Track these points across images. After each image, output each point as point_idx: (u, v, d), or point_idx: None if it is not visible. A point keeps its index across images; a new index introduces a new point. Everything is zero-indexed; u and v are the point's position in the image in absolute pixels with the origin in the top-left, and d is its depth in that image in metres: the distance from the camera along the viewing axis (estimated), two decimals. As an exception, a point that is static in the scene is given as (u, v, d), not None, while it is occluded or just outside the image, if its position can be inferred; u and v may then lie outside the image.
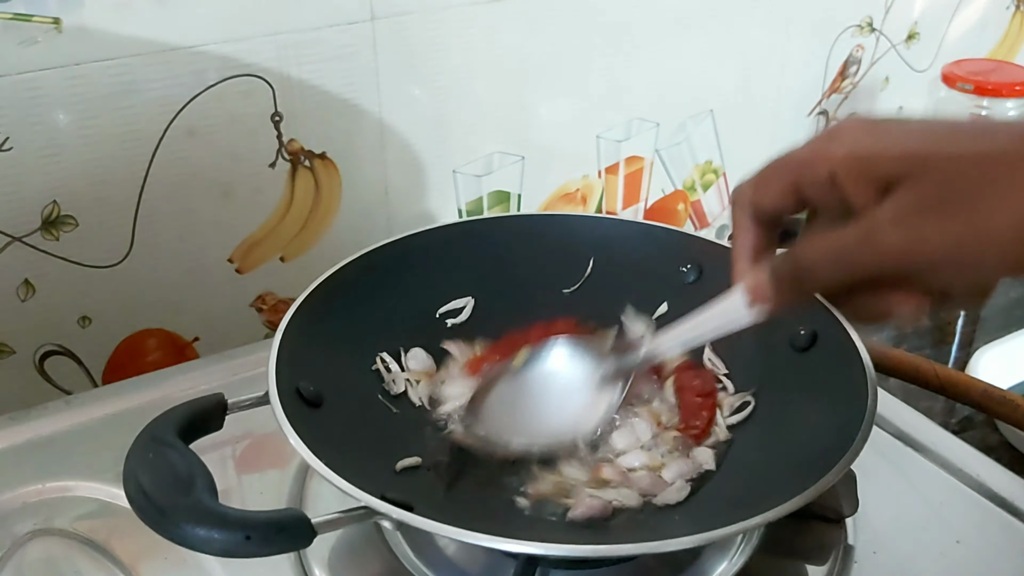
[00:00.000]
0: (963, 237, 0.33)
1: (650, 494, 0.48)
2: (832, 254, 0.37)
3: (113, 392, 0.63)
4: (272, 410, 0.44)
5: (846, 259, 0.37)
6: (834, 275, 0.38)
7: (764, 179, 0.42)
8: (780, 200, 0.41)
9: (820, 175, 0.38)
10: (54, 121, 0.63)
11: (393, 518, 0.38)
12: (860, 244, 0.36)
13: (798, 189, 0.40)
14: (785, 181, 0.40)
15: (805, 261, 0.39)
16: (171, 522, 0.36)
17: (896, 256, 0.35)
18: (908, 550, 0.49)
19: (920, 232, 0.34)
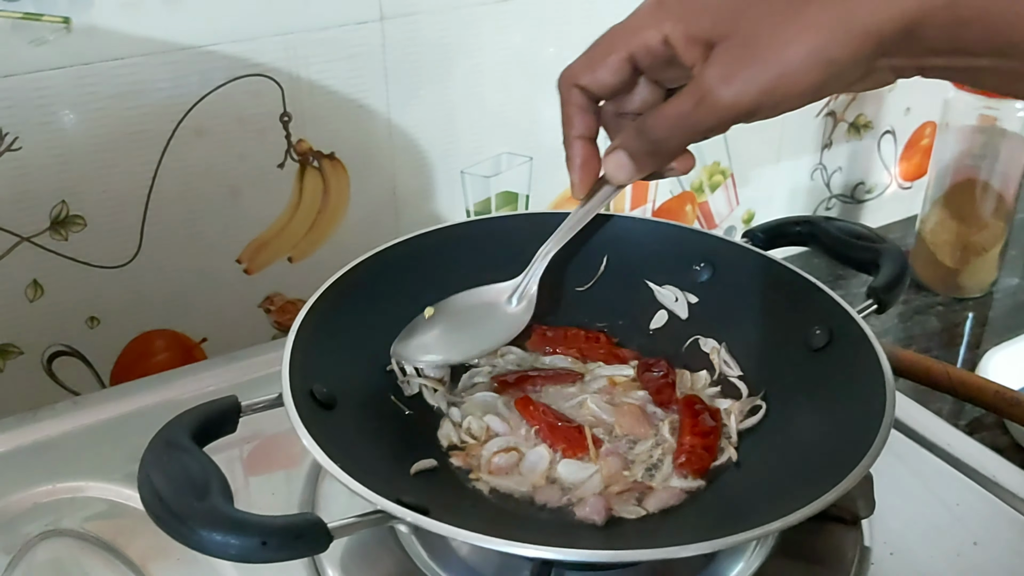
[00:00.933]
0: (772, 80, 0.37)
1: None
2: (677, 122, 0.41)
3: (121, 393, 0.62)
4: (287, 412, 0.43)
5: (690, 124, 0.41)
6: (683, 141, 0.42)
7: (597, 56, 0.44)
8: (618, 75, 0.44)
9: (654, 41, 0.41)
10: (63, 121, 0.63)
11: (409, 522, 0.38)
12: (697, 108, 0.39)
13: (633, 59, 0.43)
14: (621, 54, 0.43)
15: (656, 134, 0.42)
16: (188, 528, 0.36)
17: (728, 111, 0.39)
18: (925, 551, 0.49)
19: (742, 85, 0.38)
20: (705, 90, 0.39)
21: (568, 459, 0.50)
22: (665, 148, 0.43)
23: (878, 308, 0.53)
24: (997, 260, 0.94)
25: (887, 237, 0.57)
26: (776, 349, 0.53)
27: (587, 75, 0.44)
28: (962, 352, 0.88)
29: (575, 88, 0.45)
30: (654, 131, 0.42)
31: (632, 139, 0.44)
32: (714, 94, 0.38)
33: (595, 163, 0.48)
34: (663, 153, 0.43)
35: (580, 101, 0.46)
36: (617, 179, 0.46)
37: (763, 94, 0.38)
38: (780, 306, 0.54)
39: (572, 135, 0.47)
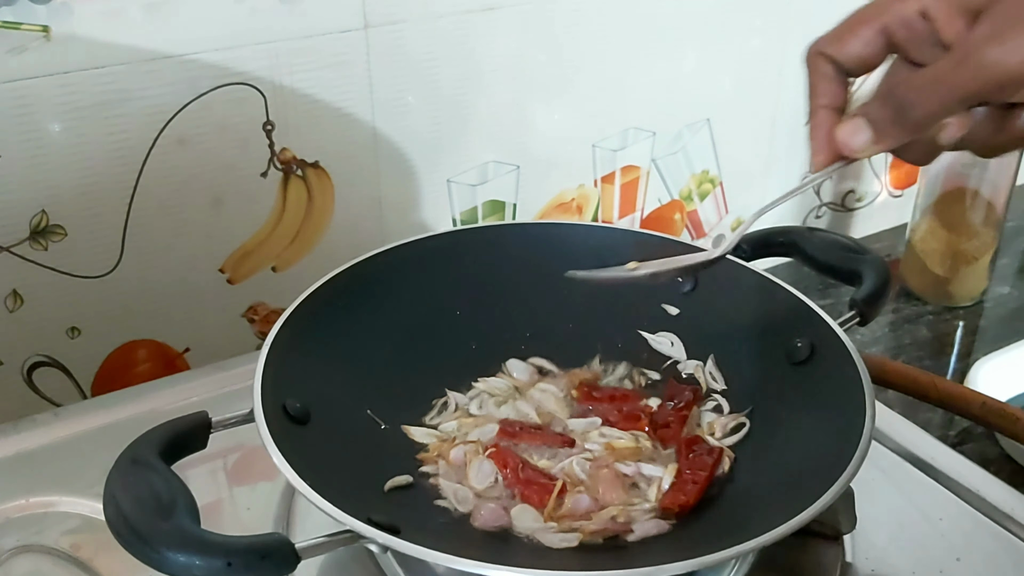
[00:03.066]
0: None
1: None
2: (933, 83, 0.38)
3: (102, 404, 0.62)
4: (257, 429, 0.43)
5: (948, 85, 0.37)
6: (938, 105, 0.38)
7: (849, 28, 0.41)
8: (869, 47, 0.41)
9: (911, 12, 0.39)
10: (43, 129, 0.62)
11: (379, 543, 0.38)
12: (959, 67, 0.37)
13: (888, 31, 0.40)
14: (875, 26, 0.41)
15: (907, 96, 0.38)
16: (151, 548, 0.36)
17: (993, 73, 0.36)
18: (907, 567, 0.49)
19: (1015, 43, 0.35)
20: (969, 49, 0.36)
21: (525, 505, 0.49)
22: (912, 115, 0.39)
23: (860, 320, 0.52)
24: (987, 269, 0.93)
25: (870, 248, 0.57)
26: (758, 361, 0.53)
27: (834, 45, 0.42)
28: (952, 361, 0.88)
29: (821, 56, 0.42)
30: (903, 94, 0.39)
31: (875, 104, 0.40)
32: (980, 52, 0.36)
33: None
34: (909, 121, 0.39)
35: (826, 70, 0.43)
36: (848, 145, 0.42)
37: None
38: (762, 318, 0.54)
39: (817, 104, 0.44)
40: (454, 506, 0.48)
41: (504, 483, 0.50)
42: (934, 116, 0.39)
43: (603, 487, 0.49)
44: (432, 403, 0.57)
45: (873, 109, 0.41)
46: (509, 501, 0.49)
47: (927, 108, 0.38)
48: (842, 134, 0.42)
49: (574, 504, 0.48)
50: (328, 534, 0.38)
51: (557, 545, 0.45)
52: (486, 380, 0.58)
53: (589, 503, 0.48)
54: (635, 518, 0.47)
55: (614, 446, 0.53)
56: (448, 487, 0.49)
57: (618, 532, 0.47)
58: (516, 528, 0.47)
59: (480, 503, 0.48)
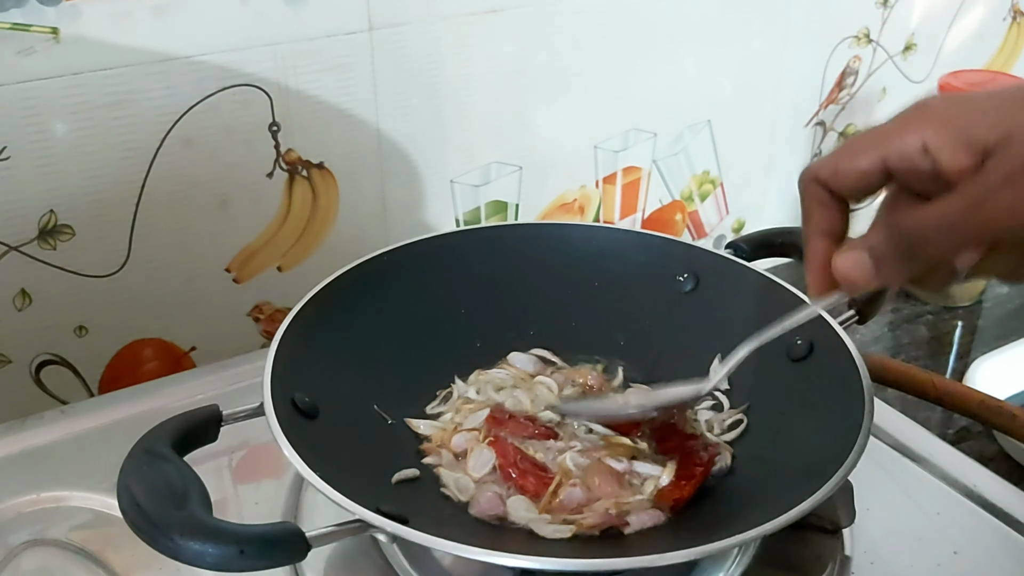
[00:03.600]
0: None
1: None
2: (943, 221, 0.37)
3: (109, 402, 0.63)
4: (267, 422, 0.44)
5: (959, 226, 0.36)
6: (946, 244, 0.37)
7: (847, 155, 0.40)
8: (865, 177, 0.39)
9: (912, 146, 0.37)
10: (52, 130, 0.63)
11: (388, 532, 0.38)
12: (972, 209, 0.36)
13: (886, 163, 0.39)
14: (873, 156, 0.39)
15: (915, 232, 0.37)
16: (165, 536, 0.36)
17: (1008, 217, 0.35)
18: (905, 561, 0.49)
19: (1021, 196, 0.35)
20: (983, 191, 0.35)
21: (520, 496, 0.49)
22: (920, 254, 0.38)
23: (859, 319, 0.53)
24: (986, 269, 0.94)
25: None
26: (758, 359, 0.53)
27: (831, 174, 0.40)
28: (951, 361, 0.88)
29: (815, 183, 0.41)
30: (909, 231, 0.37)
31: (880, 237, 0.39)
32: (995, 197, 0.35)
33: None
34: (916, 259, 0.38)
35: (822, 196, 0.41)
36: (849, 278, 0.40)
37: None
38: (762, 316, 0.54)
39: (811, 231, 0.42)
40: (455, 495, 0.49)
41: (500, 473, 0.50)
42: (945, 254, 0.38)
43: (598, 480, 0.50)
44: (436, 393, 0.58)
45: (877, 242, 0.39)
46: (506, 491, 0.49)
47: (939, 247, 0.37)
48: (842, 266, 0.40)
49: (567, 497, 0.49)
50: (338, 523, 0.39)
51: (551, 536, 0.46)
52: (487, 372, 0.59)
53: (582, 496, 0.49)
54: (630, 511, 0.48)
55: (611, 440, 0.53)
56: (449, 476, 0.50)
57: (614, 525, 0.47)
58: (511, 517, 0.48)
59: (478, 492, 0.49)
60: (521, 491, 0.49)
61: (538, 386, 0.57)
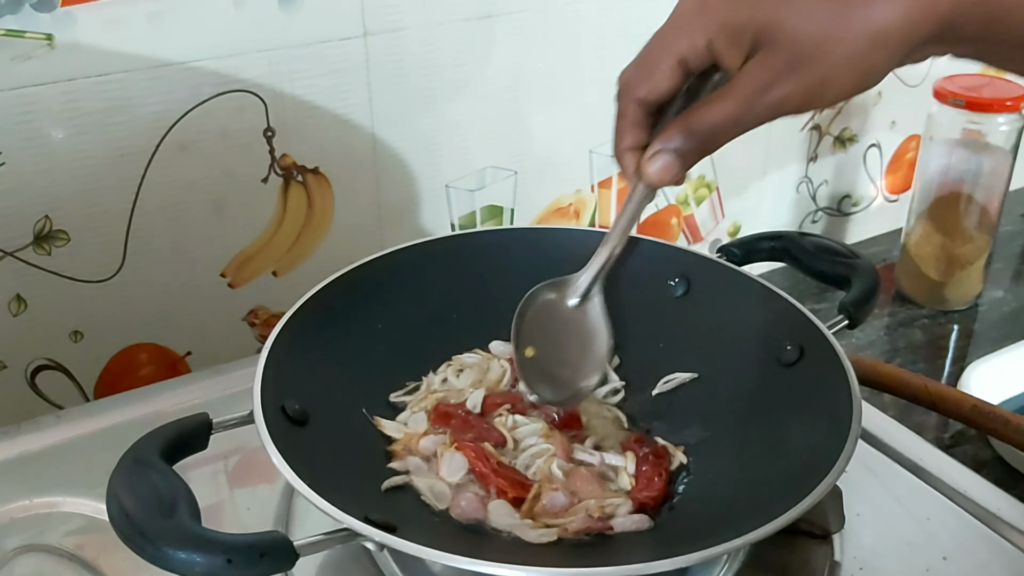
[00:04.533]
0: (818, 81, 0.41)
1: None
2: (727, 118, 0.43)
3: (103, 407, 0.63)
4: (257, 430, 0.44)
5: (741, 120, 0.43)
6: (734, 133, 0.44)
7: (652, 62, 0.45)
8: (671, 79, 0.45)
9: (700, 44, 0.43)
10: (47, 136, 0.63)
11: (376, 541, 0.38)
12: (748, 105, 0.42)
13: (685, 63, 0.44)
14: (674, 59, 0.44)
15: (705, 130, 0.44)
16: (152, 545, 0.36)
17: (775, 111, 0.42)
18: (895, 567, 0.49)
19: (785, 90, 0.41)
20: (753, 94, 0.41)
21: (500, 500, 0.49)
22: (712, 147, 0.44)
23: (849, 324, 0.53)
24: (982, 273, 0.94)
25: (860, 253, 0.58)
26: (748, 364, 0.54)
27: (644, 86, 0.46)
28: (947, 365, 0.88)
29: (634, 102, 0.47)
30: (702, 132, 0.44)
31: (678, 140, 0.45)
32: (762, 98, 0.41)
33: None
34: (711, 151, 0.45)
35: (636, 115, 0.47)
36: (664, 181, 0.46)
37: (809, 93, 0.41)
38: (753, 321, 0.55)
39: (623, 147, 0.48)
40: (432, 502, 0.49)
41: (479, 479, 0.50)
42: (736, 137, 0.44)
43: (579, 483, 0.50)
44: (405, 384, 0.58)
45: (676, 144, 0.45)
46: (485, 493, 0.49)
47: (728, 137, 0.44)
48: (653, 171, 0.46)
49: (550, 502, 0.49)
50: (326, 532, 0.39)
51: (536, 540, 0.46)
52: (458, 357, 0.60)
53: (564, 501, 0.49)
54: (613, 513, 0.48)
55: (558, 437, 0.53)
56: (423, 483, 0.50)
57: (599, 530, 0.47)
58: (492, 522, 0.48)
59: (457, 495, 0.49)
60: (501, 495, 0.49)
61: (492, 367, 0.58)
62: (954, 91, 0.87)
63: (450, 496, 0.49)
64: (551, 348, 0.55)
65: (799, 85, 0.41)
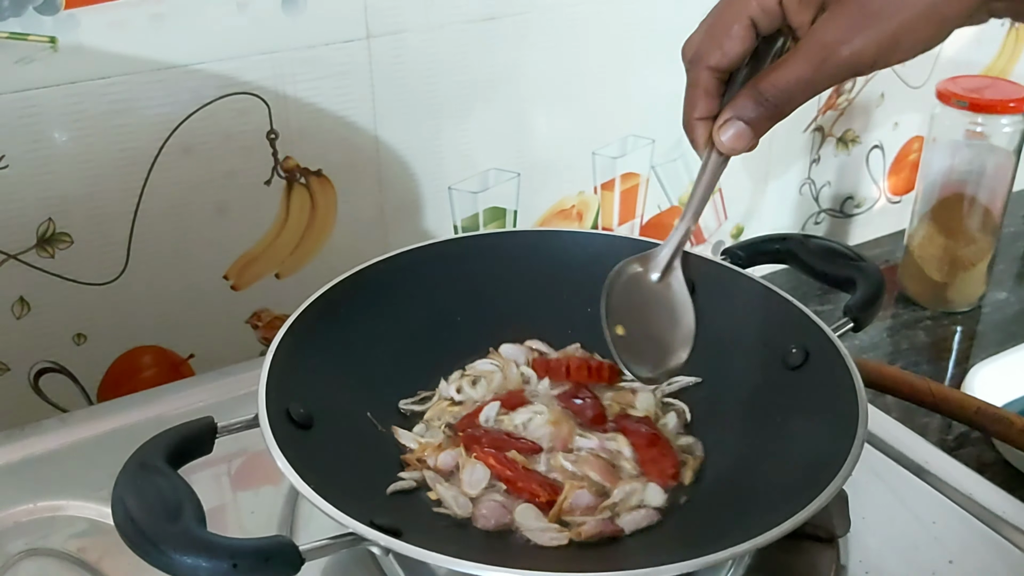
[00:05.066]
0: (890, 37, 0.40)
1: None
2: (798, 81, 0.42)
3: (107, 411, 0.63)
4: (262, 434, 0.44)
5: (811, 86, 0.42)
6: (806, 96, 0.43)
7: (723, 26, 0.44)
8: (743, 43, 0.44)
9: (771, 3, 0.43)
10: (50, 139, 0.63)
11: (381, 545, 0.38)
12: (818, 66, 0.41)
13: (755, 24, 0.43)
14: (746, 21, 0.44)
15: (777, 95, 0.43)
16: (158, 550, 0.36)
17: (848, 70, 0.41)
18: (900, 571, 0.49)
19: (857, 46, 0.40)
20: (825, 52, 0.40)
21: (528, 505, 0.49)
22: (785, 111, 0.44)
23: (854, 326, 0.53)
24: (985, 274, 0.94)
25: (865, 255, 0.58)
26: (753, 366, 0.53)
27: (716, 53, 0.45)
28: (950, 367, 0.88)
29: (706, 70, 0.45)
30: (774, 95, 0.43)
31: (749, 107, 0.44)
32: (835, 55, 0.40)
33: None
34: (783, 115, 0.44)
35: (709, 84, 0.45)
36: (737, 150, 0.45)
37: (881, 49, 0.40)
38: (758, 324, 0.55)
39: (694, 117, 0.46)
40: (455, 512, 0.49)
41: (508, 486, 0.50)
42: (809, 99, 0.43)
43: (593, 472, 0.50)
44: (418, 392, 0.58)
45: (747, 111, 0.44)
46: (509, 500, 0.49)
47: (801, 100, 0.43)
48: (726, 139, 0.45)
49: (576, 499, 0.49)
50: (331, 537, 0.39)
51: (548, 543, 0.46)
52: (472, 365, 0.59)
53: (590, 499, 0.49)
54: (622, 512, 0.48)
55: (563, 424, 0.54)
56: (448, 494, 0.50)
57: (612, 534, 0.47)
58: (520, 527, 0.48)
59: (479, 504, 0.49)
60: (531, 500, 0.49)
61: (510, 373, 0.58)
62: (957, 92, 0.87)
63: (471, 508, 0.49)
64: (640, 324, 0.53)
65: (871, 40, 0.40)
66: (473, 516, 0.49)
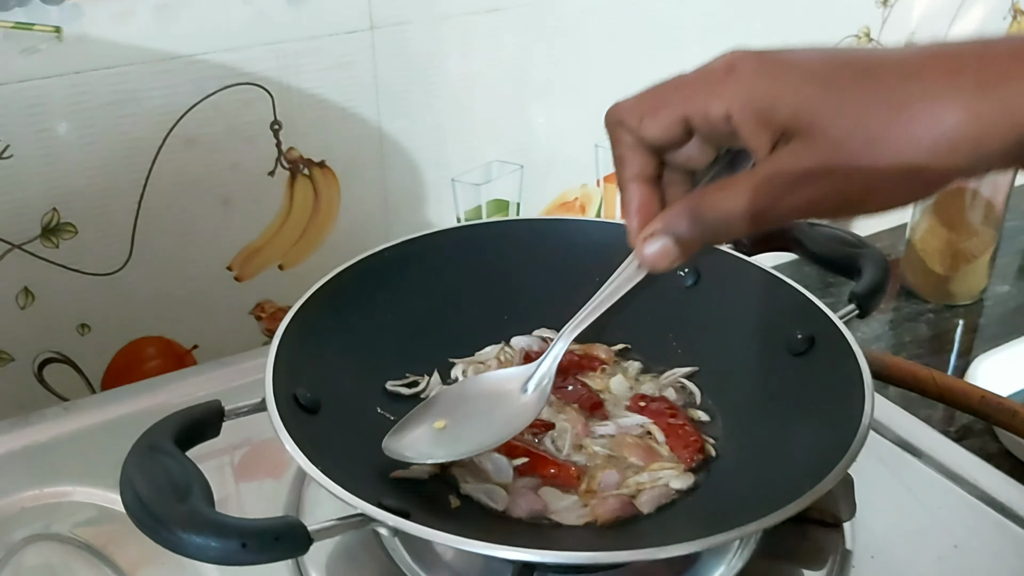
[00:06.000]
0: (855, 191, 0.34)
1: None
2: (743, 216, 0.36)
3: (111, 398, 0.63)
4: (269, 416, 0.44)
5: (758, 215, 0.36)
6: (746, 229, 0.37)
7: (651, 107, 0.39)
8: (667, 131, 0.39)
9: (715, 113, 0.37)
10: (54, 129, 0.63)
11: (390, 525, 0.38)
12: (770, 200, 0.36)
13: (688, 123, 0.38)
14: (676, 113, 0.38)
15: (715, 220, 0.38)
16: (167, 530, 0.36)
17: (797, 213, 0.36)
18: (906, 555, 0.49)
19: (818, 191, 0.35)
20: (778, 190, 0.35)
21: (551, 488, 0.50)
22: (721, 239, 0.39)
23: (860, 313, 0.53)
24: (987, 267, 0.94)
25: (870, 243, 0.58)
26: (759, 353, 0.54)
27: (634, 122, 0.40)
28: (952, 359, 0.88)
29: (621, 127, 0.41)
30: (712, 221, 0.38)
31: (683, 225, 0.39)
32: (789, 197, 0.35)
33: (655, 209, 0.41)
34: (719, 243, 0.40)
35: (629, 140, 0.41)
36: (658, 268, 0.40)
37: (846, 200, 0.35)
38: (763, 311, 0.55)
39: (626, 176, 0.42)
40: (491, 505, 0.48)
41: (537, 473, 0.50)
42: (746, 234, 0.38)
43: (632, 455, 0.51)
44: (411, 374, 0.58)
45: (680, 229, 0.39)
46: (534, 484, 0.49)
47: (739, 231, 0.38)
48: (649, 255, 0.40)
49: (605, 480, 0.50)
50: (339, 517, 0.39)
51: (574, 522, 0.46)
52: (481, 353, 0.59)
53: (617, 478, 0.50)
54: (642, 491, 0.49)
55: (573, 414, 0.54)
56: (480, 490, 0.49)
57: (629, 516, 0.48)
58: (552, 511, 0.48)
59: (515, 495, 0.48)
60: (555, 484, 0.49)
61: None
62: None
63: (507, 497, 0.48)
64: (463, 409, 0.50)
65: (836, 189, 0.34)
66: (508, 508, 0.48)
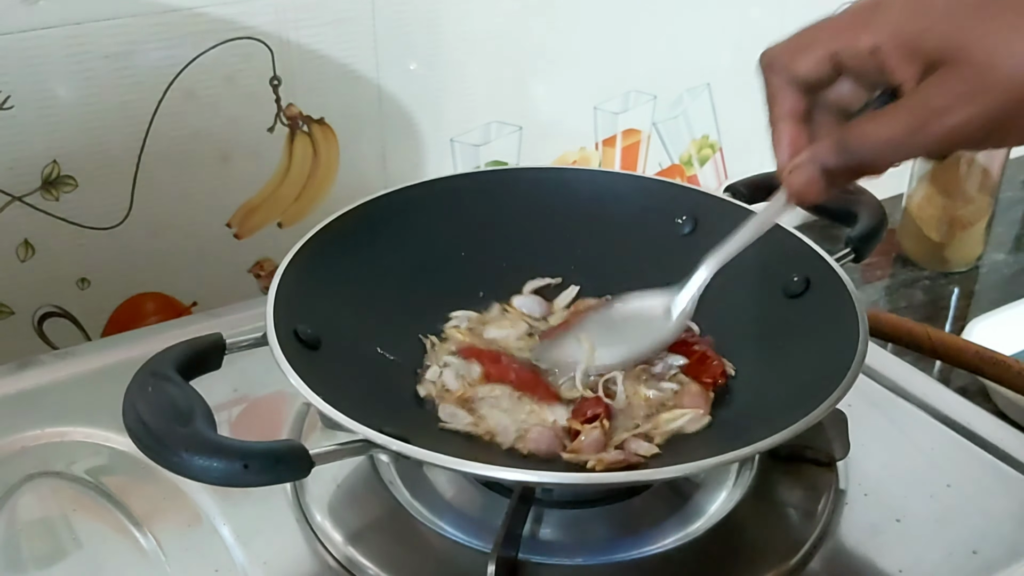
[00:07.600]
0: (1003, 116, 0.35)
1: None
2: (889, 140, 0.37)
3: (113, 344, 0.63)
4: (271, 349, 0.44)
5: (905, 144, 0.37)
6: (892, 159, 0.38)
7: (801, 45, 0.40)
8: (817, 69, 0.40)
9: (863, 47, 0.37)
10: (55, 80, 0.63)
11: (391, 450, 0.39)
12: (917, 129, 0.36)
13: (837, 59, 0.39)
14: (825, 49, 0.39)
15: (862, 150, 0.38)
16: (170, 451, 0.37)
17: (951, 141, 0.36)
18: (899, 492, 0.50)
19: (966, 115, 0.35)
20: (926, 117, 0.36)
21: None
22: (868, 170, 0.39)
23: (855, 257, 0.54)
24: (983, 235, 0.94)
25: (866, 189, 0.58)
26: (755, 296, 0.54)
27: (786, 61, 0.41)
28: (947, 325, 0.89)
29: (772, 66, 0.42)
30: (859, 149, 0.38)
31: (830, 153, 0.39)
32: (937, 123, 0.35)
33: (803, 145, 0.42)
34: (865, 174, 0.40)
35: (782, 79, 0.41)
36: (805, 198, 0.41)
37: (995, 125, 0.35)
38: (760, 256, 0.55)
39: (777, 114, 0.42)
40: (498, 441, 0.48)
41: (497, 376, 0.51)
42: (892, 165, 0.39)
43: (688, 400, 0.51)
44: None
45: (826, 158, 0.40)
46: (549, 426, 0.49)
47: (886, 162, 0.38)
48: (796, 183, 0.41)
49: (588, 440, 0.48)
50: (341, 443, 0.39)
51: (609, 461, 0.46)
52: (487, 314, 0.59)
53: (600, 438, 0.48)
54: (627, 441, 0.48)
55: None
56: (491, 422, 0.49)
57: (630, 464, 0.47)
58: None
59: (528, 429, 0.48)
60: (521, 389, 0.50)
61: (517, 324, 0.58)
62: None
63: (513, 432, 0.48)
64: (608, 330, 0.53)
65: (985, 114, 0.34)
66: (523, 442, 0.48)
